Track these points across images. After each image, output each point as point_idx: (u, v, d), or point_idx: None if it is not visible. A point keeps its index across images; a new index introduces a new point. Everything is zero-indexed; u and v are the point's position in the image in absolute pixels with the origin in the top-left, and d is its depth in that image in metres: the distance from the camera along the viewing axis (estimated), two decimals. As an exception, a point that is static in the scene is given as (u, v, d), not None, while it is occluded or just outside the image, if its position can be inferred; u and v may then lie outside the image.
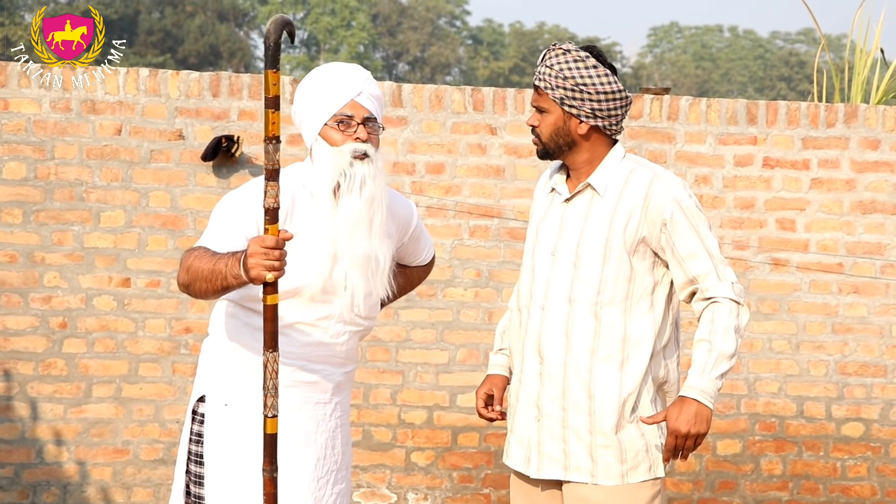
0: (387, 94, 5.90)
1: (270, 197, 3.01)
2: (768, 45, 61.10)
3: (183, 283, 3.21)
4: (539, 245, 3.45)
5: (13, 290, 5.75)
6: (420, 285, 3.97)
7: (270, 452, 3.09)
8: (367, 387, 5.91)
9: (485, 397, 3.58)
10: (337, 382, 3.41)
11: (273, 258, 2.99)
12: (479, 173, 5.95)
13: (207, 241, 3.24)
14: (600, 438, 3.33)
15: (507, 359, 3.61)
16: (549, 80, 3.36)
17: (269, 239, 3.00)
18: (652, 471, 3.36)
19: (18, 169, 5.76)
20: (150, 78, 5.80)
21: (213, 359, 3.37)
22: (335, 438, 3.41)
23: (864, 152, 6.04)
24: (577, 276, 3.35)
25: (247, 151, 5.82)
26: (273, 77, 2.95)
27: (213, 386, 3.34)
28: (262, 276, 2.99)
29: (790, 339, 6.04)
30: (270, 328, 3.06)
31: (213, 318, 3.42)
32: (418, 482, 5.93)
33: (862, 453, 6.05)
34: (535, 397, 3.40)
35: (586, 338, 3.33)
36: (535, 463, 3.40)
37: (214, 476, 3.29)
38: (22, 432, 5.77)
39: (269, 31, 2.95)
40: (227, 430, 3.29)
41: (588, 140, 3.39)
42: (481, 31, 60.84)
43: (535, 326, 3.39)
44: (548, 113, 3.38)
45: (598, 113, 3.36)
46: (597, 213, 3.36)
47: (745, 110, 5.99)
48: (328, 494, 3.39)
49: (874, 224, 6.04)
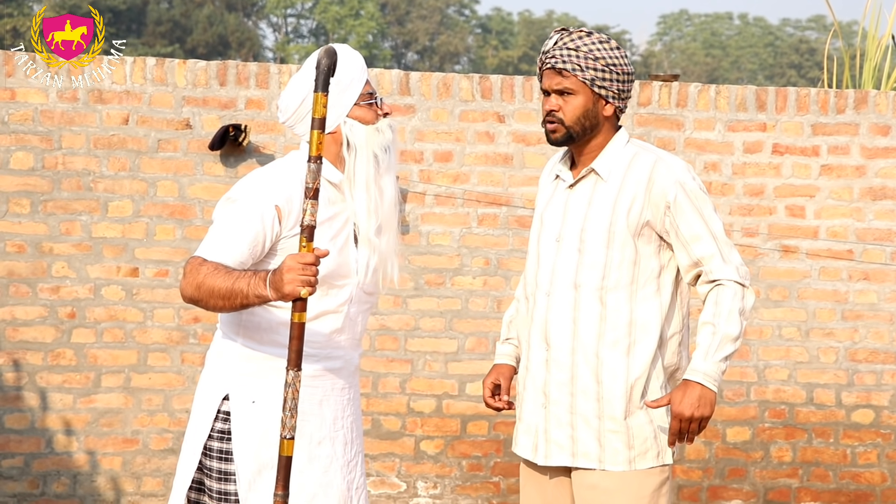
0: (394, 83, 5.88)
1: (310, 215, 3.02)
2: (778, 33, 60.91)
3: (191, 298, 3.16)
4: (544, 232, 3.43)
5: (22, 280, 5.75)
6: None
7: (284, 476, 3.07)
8: (375, 376, 5.90)
9: (491, 387, 3.57)
10: (355, 366, 3.44)
11: (310, 274, 3.00)
12: (487, 161, 5.93)
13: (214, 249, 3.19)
14: (608, 424, 3.32)
15: (514, 348, 3.60)
16: (576, 62, 3.32)
17: (307, 256, 3.00)
18: (660, 457, 3.35)
19: (26, 159, 5.75)
20: (157, 67, 5.79)
21: (232, 356, 3.34)
22: (356, 421, 3.44)
23: (874, 138, 6.01)
24: (582, 262, 3.33)
25: (254, 140, 5.81)
26: (322, 99, 3.03)
27: (236, 383, 3.31)
28: (297, 291, 2.99)
29: (800, 326, 6.02)
30: (297, 346, 3.05)
31: (226, 315, 3.39)
32: (427, 471, 5.93)
33: (872, 440, 6.03)
34: (542, 384, 3.39)
35: (593, 323, 3.32)
36: (543, 450, 3.40)
37: (248, 474, 3.28)
38: (31, 422, 5.77)
39: (321, 57, 3.06)
40: (257, 427, 3.27)
41: (609, 122, 3.39)
42: (490, 19, 60.74)
43: (541, 313, 3.38)
44: (574, 95, 3.34)
45: (622, 94, 3.37)
46: (600, 197, 3.35)
47: (754, 97, 5.97)
48: (357, 476, 3.41)
49: (884, 210, 6.02)
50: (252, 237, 3.20)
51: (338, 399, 3.37)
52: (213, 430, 3.31)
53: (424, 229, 5.88)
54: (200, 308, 3.19)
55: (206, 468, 3.33)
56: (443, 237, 5.92)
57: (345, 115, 3.30)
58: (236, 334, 3.33)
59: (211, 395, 3.34)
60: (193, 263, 3.17)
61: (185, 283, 3.17)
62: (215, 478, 3.31)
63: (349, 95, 3.30)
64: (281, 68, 5.85)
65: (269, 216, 3.20)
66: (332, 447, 3.35)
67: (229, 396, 3.31)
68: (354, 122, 3.30)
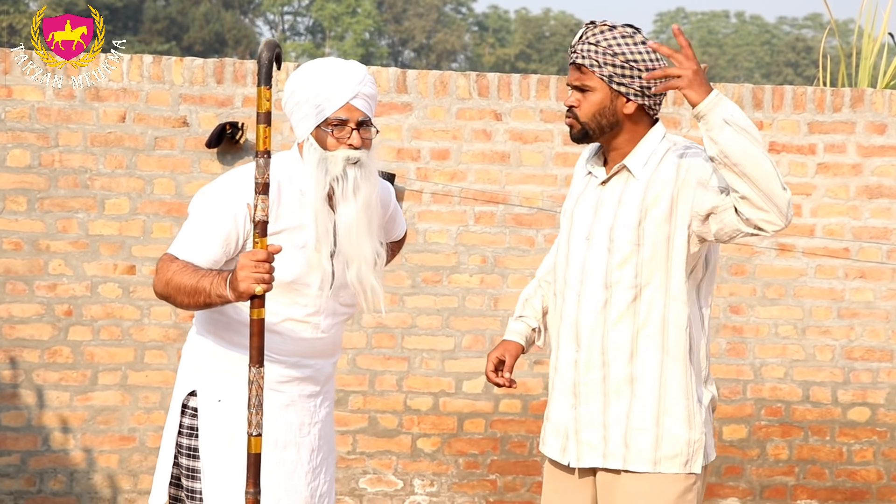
0: (391, 81, 5.89)
1: (261, 210, 3.02)
2: (775, 31, 60.97)
3: (161, 295, 3.20)
4: (574, 230, 3.33)
5: (18, 277, 5.75)
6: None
7: (255, 473, 3.07)
8: (372, 373, 5.91)
9: (495, 361, 3.45)
10: (327, 374, 3.42)
11: (263, 271, 3.00)
12: (484, 159, 5.94)
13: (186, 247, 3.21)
14: (637, 422, 3.23)
15: (525, 326, 3.51)
16: (594, 58, 3.21)
17: (259, 252, 3.01)
18: (689, 465, 3.24)
19: (22, 156, 5.75)
20: (154, 65, 5.79)
21: (203, 353, 3.36)
22: (326, 427, 3.43)
23: (870, 137, 6.02)
24: (612, 261, 3.24)
25: (251, 138, 5.81)
26: (266, 93, 3.00)
27: (204, 381, 3.33)
28: (251, 289, 3.00)
29: (796, 324, 6.03)
30: (257, 343, 3.06)
31: (200, 312, 3.40)
32: (424, 468, 5.94)
33: (868, 438, 6.04)
34: (571, 385, 3.30)
35: (623, 322, 3.24)
36: (574, 452, 3.31)
37: (211, 471, 3.29)
38: (28, 420, 5.77)
39: (261, 50, 3.04)
40: (222, 425, 3.29)
41: (632, 120, 3.26)
42: (487, 17, 60.76)
43: (571, 313, 3.30)
44: (591, 92, 3.23)
45: (647, 91, 3.23)
46: (631, 195, 3.25)
47: (750, 95, 5.97)
48: (322, 483, 3.41)
49: (880, 209, 6.03)
50: (224, 235, 3.22)
51: (305, 406, 3.37)
52: (183, 426, 3.34)
53: (421, 227, 5.89)
54: (170, 303, 3.22)
55: (178, 464, 3.35)
56: (440, 235, 5.92)
57: (308, 133, 3.27)
58: (207, 332, 3.35)
59: (180, 389, 3.38)
60: (164, 260, 3.21)
61: (156, 279, 3.21)
62: (185, 475, 3.33)
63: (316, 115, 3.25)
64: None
65: (242, 214, 3.21)
66: (298, 453, 3.36)
67: (197, 392, 3.32)
68: (314, 142, 3.26)
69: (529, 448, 5.94)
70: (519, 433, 5.94)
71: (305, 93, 3.25)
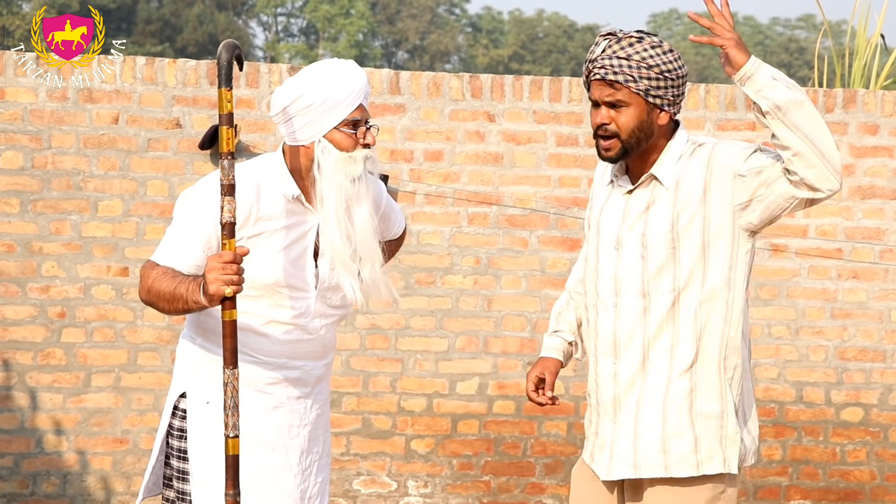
0: (384, 82, 5.89)
1: (227, 212, 3.03)
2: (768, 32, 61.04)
3: (145, 301, 3.22)
4: (602, 240, 3.26)
5: (11, 279, 5.74)
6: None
7: (233, 475, 3.07)
8: (366, 375, 5.91)
9: (535, 380, 3.38)
10: (317, 376, 3.42)
11: (231, 272, 3.01)
12: (477, 160, 5.94)
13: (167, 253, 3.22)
14: (673, 428, 3.19)
15: (562, 341, 3.45)
16: (629, 73, 3.12)
17: (226, 254, 3.02)
18: (727, 464, 3.22)
19: (15, 158, 5.75)
20: (147, 66, 5.79)
21: (193, 355, 3.37)
22: (317, 429, 3.43)
23: (862, 137, 6.03)
24: (648, 268, 3.18)
25: (244, 140, 5.81)
26: (227, 95, 3.00)
27: (194, 383, 3.34)
28: (220, 291, 3.01)
29: (789, 324, 6.04)
30: (230, 344, 3.06)
31: (190, 315, 3.40)
32: (418, 469, 5.94)
33: (861, 438, 6.05)
34: (611, 399, 3.25)
35: (665, 330, 3.18)
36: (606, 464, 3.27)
37: (199, 473, 3.29)
38: (21, 422, 5.77)
39: (220, 52, 3.04)
40: (210, 427, 3.29)
41: (661, 130, 3.20)
42: (481, 18, 60.77)
43: (608, 325, 3.23)
44: (627, 107, 3.14)
45: (677, 99, 3.17)
46: (660, 200, 3.19)
47: (743, 96, 5.98)
48: (312, 485, 3.40)
49: (873, 209, 6.04)
50: (204, 238, 3.21)
51: (294, 408, 3.37)
52: (173, 428, 3.36)
53: (415, 228, 5.89)
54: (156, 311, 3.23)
55: (170, 466, 3.36)
56: (433, 236, 5.92)
57: (321, 135, 3.24)
58: (197, 334, 3.36)
59: (171, 391, 3.39)
60: (146, 267, 3.23)
61: (140, 286, 3.24)
62: (176, 476, 3.34)
63: (331, 117, 3.23)
64: (271, 67, 5.85)
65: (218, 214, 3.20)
66: (287, 455, 3.36)
67: (186, 395, 3.33)
68: (329, 145, 3.24)
69: (523, 449, 5.94)
70: (513, 434, 5.94)
71: (317, 95, 3.22)
